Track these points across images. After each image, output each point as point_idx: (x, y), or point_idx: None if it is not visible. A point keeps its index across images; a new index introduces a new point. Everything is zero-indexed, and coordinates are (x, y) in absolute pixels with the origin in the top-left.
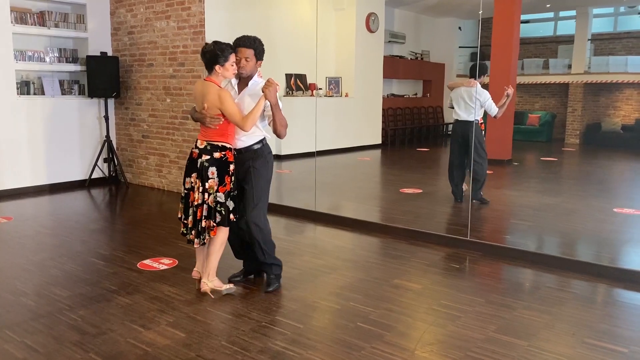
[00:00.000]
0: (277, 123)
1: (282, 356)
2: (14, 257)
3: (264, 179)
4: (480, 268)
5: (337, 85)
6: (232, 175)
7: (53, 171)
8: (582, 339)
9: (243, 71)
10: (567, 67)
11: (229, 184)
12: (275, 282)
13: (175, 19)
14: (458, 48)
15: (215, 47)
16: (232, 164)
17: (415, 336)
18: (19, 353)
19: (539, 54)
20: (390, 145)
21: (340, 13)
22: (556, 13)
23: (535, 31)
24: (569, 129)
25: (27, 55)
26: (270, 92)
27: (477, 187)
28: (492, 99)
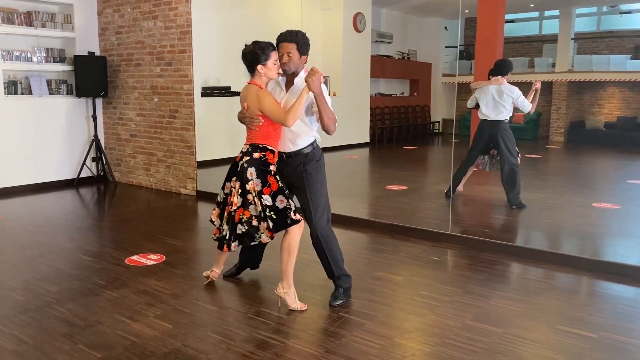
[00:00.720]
0: (324, 117)
1: (266, 345)
2: (3, 254)
3: (318, 182)
4: (459, 260)
5: (325, 84)
6: (275, 175)
7: (41, 170)
8: (554, 326)
9: (286, 67)
10: (552, 65)
11: (275, 184)
12: (343, 296)
13: (162, 19)
14: (444, 48)
15: (255, 47)
16: (272, 165)
17: (395, 325)
18: (8, 345)
19: (525, 52)
20: (378, 143)
21: (327, 13)
22: (541, 12)
23: (521, 30)
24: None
25: (14, 55)
26: (314, 81)
27: (515, 193)
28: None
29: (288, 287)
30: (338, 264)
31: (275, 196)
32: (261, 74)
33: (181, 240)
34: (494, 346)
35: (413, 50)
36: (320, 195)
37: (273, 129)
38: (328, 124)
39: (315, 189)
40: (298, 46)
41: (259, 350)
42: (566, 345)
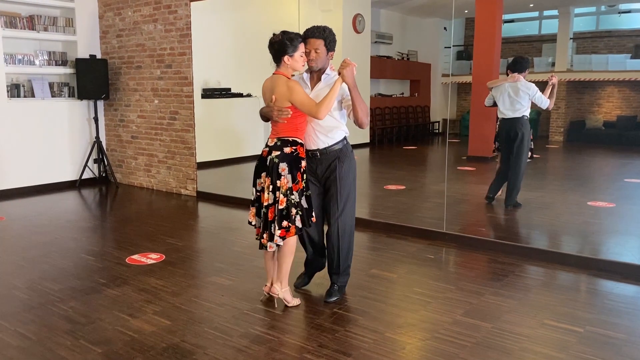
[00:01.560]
0: (357, 109)
1: (261, 340)
2: (7, 255)
3: (349, 180)
4: (453, 258)
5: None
6: (304, 173)
7: (44, 172)
8: (542, 321)
9: (313, 64)
10: (551, 65)
11: (301, 182)
12: (337, 293)
13: (162, 22)
14: (444, 48)
15: (283, 37)
16: (303, 160)
17: (387, 320)
18: (13, 341)
19: (524, 52)
20: (378, 143)
21: (327, 14)
22: (540, 12)
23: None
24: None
25: (17, 59)
26: (348, 72)
27: (515, 193)
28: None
29: (286, 286)
30: (347, 261)
31: (301, 195)
32: (287, 65)
33: (181, 240)
34: (483, 340)
35: (413, 50)
36: (348, 194)
37: (302, 120)
38: (362, 117)
39: (345, 184)
40: (326, 42)
41: (254, 345)
42: (553, 339)
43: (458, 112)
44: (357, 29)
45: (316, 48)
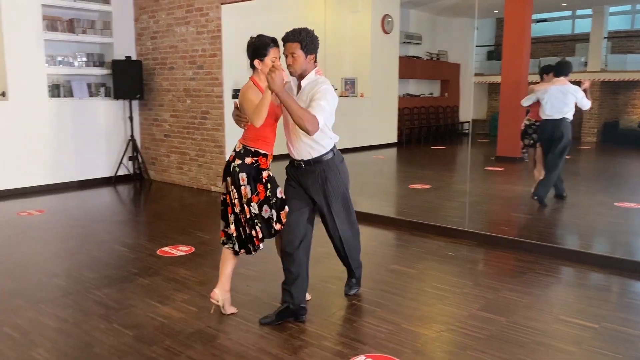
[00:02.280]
0: (292, 115)
1: (281, 327)
2: (47, 245)
3: (340, 190)
4: (473, 256)
5: (353, 85)
6: (267, 182)
7: (82, 169)
8: (557, 317)
9: (291, 69)
10: (584, 65)
11: (263, 193)
12: (356, 286)
13: (194, 25)
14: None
15: (255, 40)
16: (264, 171)
17: (404, 312)
18: (52, 323)
19: (557, 52)
20: (406, 143)
21: (355, 15)
22: (574, 11)
23: (554, 29)
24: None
25: (57, 60)
26: (273, 78)
27: (547, 188)
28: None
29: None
30: (357, 260)
31: (261, 205)
32: (258, 70)
33: (209, 234)
34: (497, 333)
35: (443, 50)
36: (341, 205)
37: (268, 130)
38: (299, 123)
39: (336, 197)
40: (302, 45)
41: (275, 332)
42: (567, 334)
43: (488, 112)
44: (386, 29)
45: (292, 52)
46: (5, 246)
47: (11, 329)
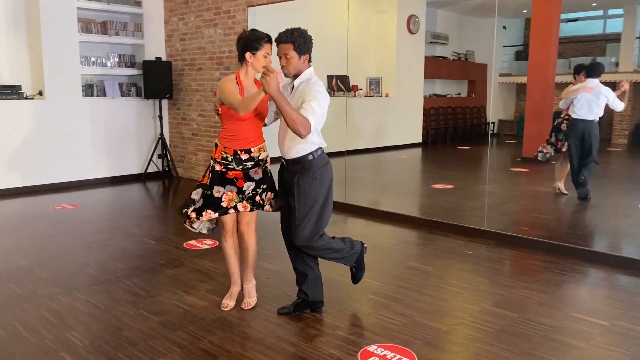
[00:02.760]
0: (286, 119)
1: (299, 317)
2: (79, 237)
3: (311, 195)
4: (491, 255)
5: (378, 85)
6: (209, 171)
7: (113, 165)
8: (569, 314)
9: (285, 70)
10: (615, 65)
11: (206, 179)
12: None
13: (222, 27)
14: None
15: (249, 34)
16: (212, 160)
17: (418, 307)
18: (84, 308)
19: (588, 52)
20: (432, 143)
21: (381, 15)
22: (605, 11)
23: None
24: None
25: (91, 61)
26: (268, 82)
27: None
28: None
29: None
30: (346, 258)
31: (197, 187)
32: (248, 64)
33: None
34: (507, 328)
35: (470, 50)
36: (308, 212)
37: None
38: (292, 126)
39: (304, 201)
40: (295, 46)
41: (292, 321)
42: (576, 330)
43: (516, 113)
44: (412, 29)
45: (285, 53)
46: (41, 238)
47: (48, 313)
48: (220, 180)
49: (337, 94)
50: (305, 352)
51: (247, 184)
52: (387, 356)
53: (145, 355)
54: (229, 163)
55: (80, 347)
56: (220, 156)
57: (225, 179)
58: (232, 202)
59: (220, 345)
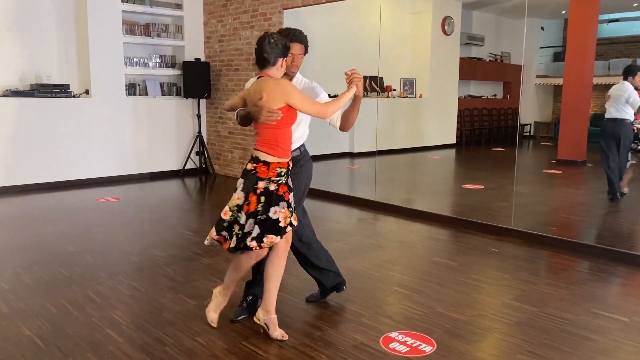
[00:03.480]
0: (354, 118)
1: (324, 304)
2: (122, 227)
3: (298, 189)
4: (517, 253)
5: (412, 86)
6: (260, 195)
7: (153, 161)
8: (589, 309)
9: (294, 69)
10: None
11: (254, 204)
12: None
13: (258, 29)
14: (539, 48)
15: (279, 39)
16: (261, 181)
17: (440, 298)
18: (127, 291)
19: (629, 53)
20: (465, 145)
21: (416, 17)
22: None
23: (628, 29)
24: None
25: (134, 61)
26: (359, 84)
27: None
28: None
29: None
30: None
31: (248, 217)
32: (281, 69)
33: None
34: (525, 320)
35: (507, 52)
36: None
37: (281, 133)
38: (354, 123)
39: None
40: (305, 48)
41: (319, 308)
42: (594, 325)
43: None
44: (446, 31)
45: (299, 53)
46: (88, 228)
47: (94, 294)
48: (276, 200)
49: (371, 95)
50: (331, 335)
51: (291, 195)
52: (408, 342)
53: (182, 333)
54: (281, 178)
55: (124, 325)
56: (275, 173)
57: (278, 197)
58: (287, 220)
59: (251, 327)
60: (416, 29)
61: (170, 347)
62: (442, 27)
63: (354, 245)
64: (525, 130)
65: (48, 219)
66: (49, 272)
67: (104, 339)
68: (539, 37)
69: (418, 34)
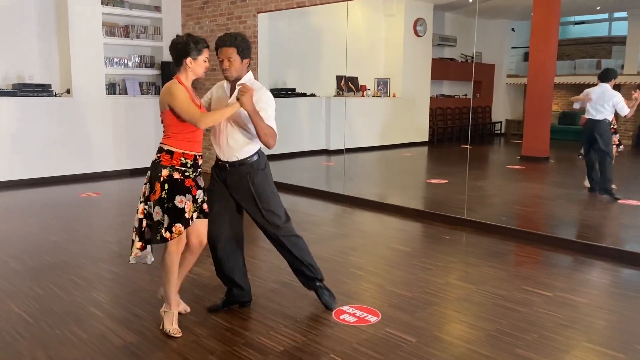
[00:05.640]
0: (260, 133)
1: (287, 283)
2: (102, 220)
3: (269, 191)
4: (467, 240)
5: (386, 86)
6: (163, 183)
7: (133, 158)
8: (520, 287)
9: (228, 73)
10: (620, 67)
11: (158, 192)
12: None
13: (233, 31)
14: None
15: (188, 38)
16: (164, 169)
17: (389, 278)
18: (108, 275)
19: (594, 54)
20: (437, 142)
21: (390, 19)
22: (611, 14)
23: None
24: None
25: (114, 62)
26: (247, 99)
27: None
28: None
29: (168, 308)
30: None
31: (154, 206)
32: (188, 69)
33: None
34: (463, 296)
35: (478, 52)
36: (275, 202)
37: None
38: (265, 140)
39: (267, 197)
40: (238, 50)
41: (284, 288)
42: (522, 299)
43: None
44: (418, 32)
45: (229, 57)
46: (71, 220)
47: (77, 278)
48: (180, 189)
49: (347, 94)
50: (290, 310)
51: (199, 192)
52: (357, 314)
53: (158, 310)
54: (187, 170)
55: (105, 303)
56: (179, 162)
57: (184, 187)
58: (191, 213)
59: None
60: (390, 31)
61: (147, 321)
62: (414, 28)
63: (320, 235)
64: (497, 128)
65: (31, 213)
66: (35, 260)
67: (87, 315)
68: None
69: (392, 35)
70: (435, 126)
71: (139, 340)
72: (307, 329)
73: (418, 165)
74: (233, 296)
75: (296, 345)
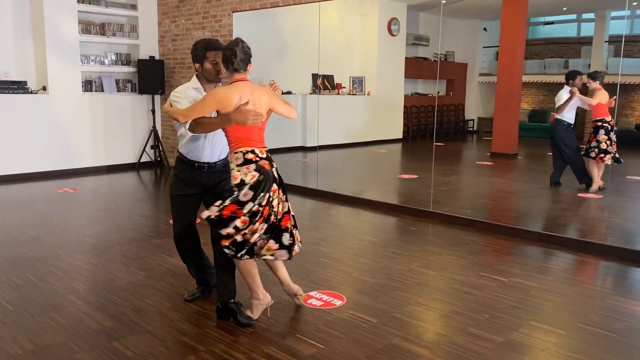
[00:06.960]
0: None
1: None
2: (80, 215)
3: None
4: (432, 230)
5: (361, 84)
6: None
7: (110, 155)
8: (477, 273)
9: (221, 75)
10: (588, 67)
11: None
12: None
13: (209, 29)
14: (482, 48)
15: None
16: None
17: (356, 266)
18: (85, 266)
19: (563, 54)
20: (411, 139)
21: (364, 18)
22: (579, 15)
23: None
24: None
25: (90, 59)
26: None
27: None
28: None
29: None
30: None
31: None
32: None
33: None
34: (424, 281)
35: (451, 51)
36: None
37: None
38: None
39: None
40: None
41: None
42: (479, 284)
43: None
44: (392, 31)
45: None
46: (47, 215)
47: (55, 269)
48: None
49: (323, 92)
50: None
51: None
52: (323, 298)
53: (133, 297)
54: None
55: (82, 291)
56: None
57: None
58: None
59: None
60: (365, 30)
61: (123, 307)
62: (389, 28)
63: None
64: (469, 126)
65: (7, 208)
66: (13, 252)
67: (65, 302)
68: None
69: (366, 34)
70: (410, 123)
71: (115, 324)
72: (275, 312)
73: (391, 161)
74: (208, 282)
75: (264, 327)
